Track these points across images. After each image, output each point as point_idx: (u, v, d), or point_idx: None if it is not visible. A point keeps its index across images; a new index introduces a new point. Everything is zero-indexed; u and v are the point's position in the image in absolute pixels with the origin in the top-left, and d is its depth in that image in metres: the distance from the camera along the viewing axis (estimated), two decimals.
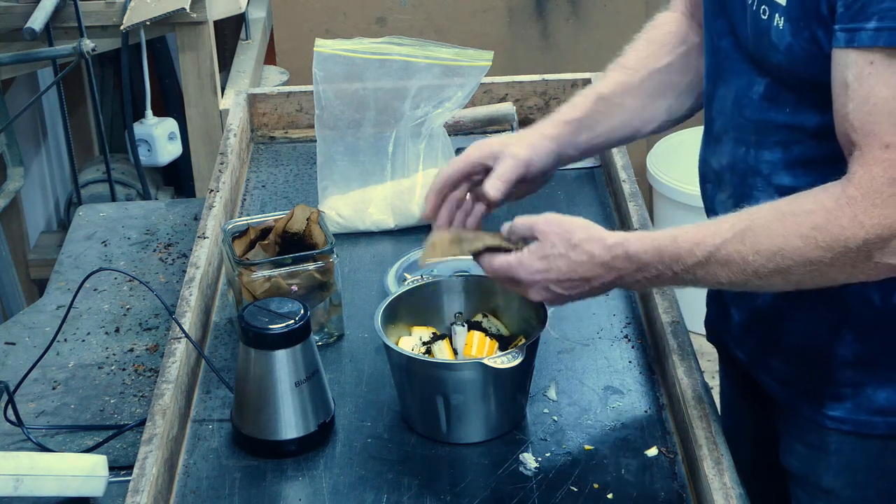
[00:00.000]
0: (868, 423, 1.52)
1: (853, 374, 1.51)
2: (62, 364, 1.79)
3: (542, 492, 1.49)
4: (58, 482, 1.48)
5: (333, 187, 2.06)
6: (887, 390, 1.50)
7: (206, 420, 1.64)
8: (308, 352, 1.55)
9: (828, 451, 1.55)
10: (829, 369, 1.52)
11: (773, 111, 1.47)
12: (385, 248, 2.02)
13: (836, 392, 1.53)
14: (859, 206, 1.32)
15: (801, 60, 1.39)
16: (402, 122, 2.03)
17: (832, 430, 1.54)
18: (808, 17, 1.37)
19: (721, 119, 1.56)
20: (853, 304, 1.48)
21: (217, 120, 3.06)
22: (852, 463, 1.55)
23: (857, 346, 1.50)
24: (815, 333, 1.52)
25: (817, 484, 1.58)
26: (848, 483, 1.56)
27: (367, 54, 2.02)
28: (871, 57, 1.30)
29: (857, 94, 1.32)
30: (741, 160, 1.52)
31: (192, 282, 1.80)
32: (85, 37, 2.80)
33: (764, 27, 1.42)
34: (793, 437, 1.60)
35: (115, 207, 2.28)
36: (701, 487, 1.45)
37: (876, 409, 1.51)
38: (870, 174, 1.31)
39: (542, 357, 1.70)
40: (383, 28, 3.88)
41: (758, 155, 1.50)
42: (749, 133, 1.51)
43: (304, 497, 1.50)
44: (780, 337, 1.57)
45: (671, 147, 3.81)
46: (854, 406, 1.52)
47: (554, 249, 1.47)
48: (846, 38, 1.32)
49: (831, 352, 1.51)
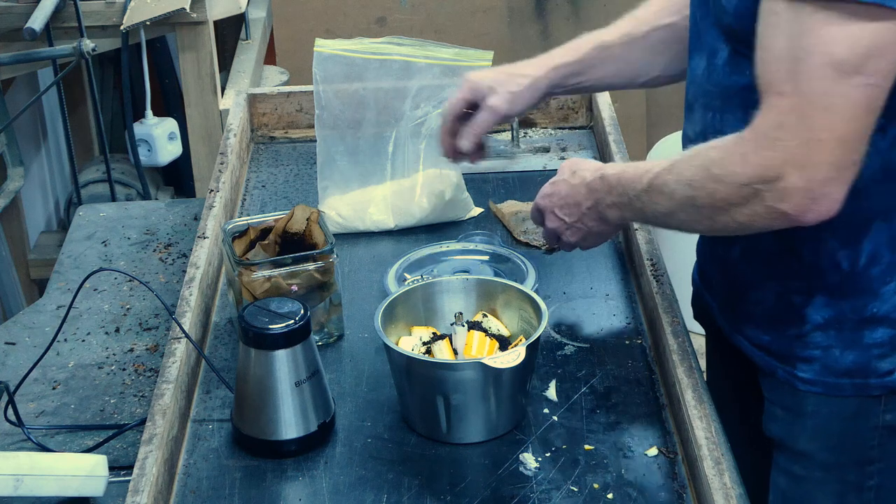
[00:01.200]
0: (836, 385, 1.57)
1: (822, 336, 1.56)
2: (62, 364, 1.79)
3: (542, 492, 1.49)
4: (58, 482, 1.48)
5: (333, 187, 2.06)
6: (854, 352, 1.55)
7: (206, 420, 1.64)
8: (308, 352, 1.55)
9: (804, 413, 1.60)
10: (800, 333, 1.58)
11: (735, 75, 1.51)
12: (385, 248, 2.02)
13: (806, 354, 1.58)
14: (748, 145, 1.40)
15: (748, 20, 1.42)
16: (402, 122, 2.03)
17: (805, 392, 1.59)
18: None
19: (693, 87, 1.61)
20: (824, 268, 1.52)
21: (217, 120, 3.07)
22: (827, 426, 1.59)
23: (826, 309, 1.55)
24: (788, 300, 1.57)
25: (794, 447, 1.63)
26: (823, 447, 1.61)
27: (367, 54, 2.02)
28: (776, 7, 1.35)
29: (762, 43, 1.39)
30: (710, 125, 1.57)
31: (192, 282, 1.80)
32: (85, 37, 2.80)
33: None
34: (773, 402, 1.65)
35: (115, 207, 2.28)
36: (701, 487, 1.45)
37: (843, 370, 1.56)
38: (763, 118, 1.38)
39: (542, 357, 1.70)
40: (383, 28, 3.88)
41: (723, 119, 1.55)
42: (715, 98, 1.56)
43: (304, 497, 1.50)
44: (755, 304, 1.62)
45: (671, 147, 3.81)
46: (822, 368, 1.57)
47: (560, 176, 1.69)
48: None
49: (802, 315, 1.57)
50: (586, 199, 1.64)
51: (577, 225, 1.67)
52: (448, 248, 1.94)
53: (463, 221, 2.09)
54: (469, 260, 1.91)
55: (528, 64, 1.80)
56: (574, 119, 2.40)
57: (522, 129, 2.37)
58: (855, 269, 1.51)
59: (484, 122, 1.79)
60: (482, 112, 1.79)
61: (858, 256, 1.51)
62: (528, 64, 1.80)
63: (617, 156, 2.11)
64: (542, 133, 2.38)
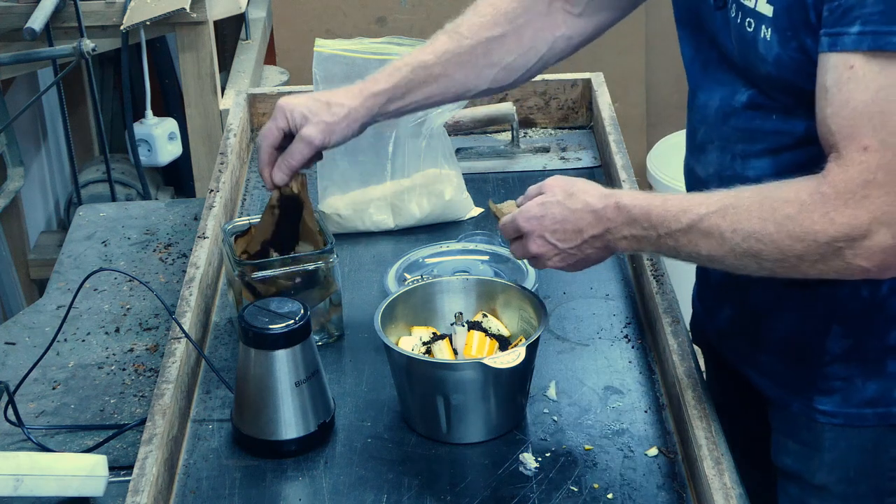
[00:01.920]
0: (859, 416, 1.53)
1: (842, 367, 1.52)
2: (62, 364, 1.79)
3: (542, 492, 1.49)
4: (58, 482, 1.48)
5: (333, 187, 2.06)
6: (877, 382, 1.52)
7: (206, 420, 1.64)
8: (308, 352, 1.55)
9: (821, 448, 1.56)
10: (819, 364, 1.54)
11: (760, 119, 1.48)
12: (385, 248, 2.02)
13: (825, 386, 1.54)
14: (831, 203, 1.33)
15: (790, 70, 1.40)
16: (402, 122, 2.03)
17: (824, 424, 1.55)
18: (797, 27, 1.37)
19: (704, 128, 1.56)
20: (842, 297, 1.49)
21: (217, 120, 3.06)
22: (846, 459, 1.56)
23: (846, 339, 1.51)
24: (804, 328, 1.53)
25: (810, 481, 1.59)
26: (841, 479, 1.57)
27: (367, 54, 2.01)
28: (851, 61, 1.31)
29: (836, 99, 1.33)
30: (727, 168, 1.53)
31: (192, 282, 1.80)
32: (85, 37, 2.80)
33: (750, 39, 1.43)
34: (784, 434, 1.61)
35: (115, 207, 2.28)
36: (701, 487, 1.45)
37: (866, 401, 1.53)
38: (845, 174, 1.32)
39: (542, 357, 1.70)
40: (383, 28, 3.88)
41: (745, 163, 1.50)
42: (735, 142, 1.51)
43: (304, 497, 1.50)
44: (768, 333, 1.58)
45: (671, 147, 3.80)
46: (843, 399, 1.53)
47: (553, 197, 1.52)
48: (829, 43, 1.33)
49: (820, 346, 1.52)
50: (592, 226, 1.49)
51: (572, 251, 1.52)
52: (448, 248, 1.94)
53: (463, 221, 2.08)
54: (469, 260, 1.91)
55: (345, 92, 1.71)
56: (574, 119, 2.40)
57: (522, 129, 2.37)
58: (876, 297, 1.48)
59: (298, 153, 1.68)
60: (296, 143, 1.69)
61: (880, 284, 1.47)
62: (346, 92, 1.71)
63: (617, 156, 2.11)
64: (542, 133, 2.38)
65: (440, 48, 1.73)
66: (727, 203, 1.39)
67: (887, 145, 1.30)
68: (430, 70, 1.72)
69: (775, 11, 1.39)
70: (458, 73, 1.73)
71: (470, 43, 1.72)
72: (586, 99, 2.38)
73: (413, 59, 1.72)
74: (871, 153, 1.31)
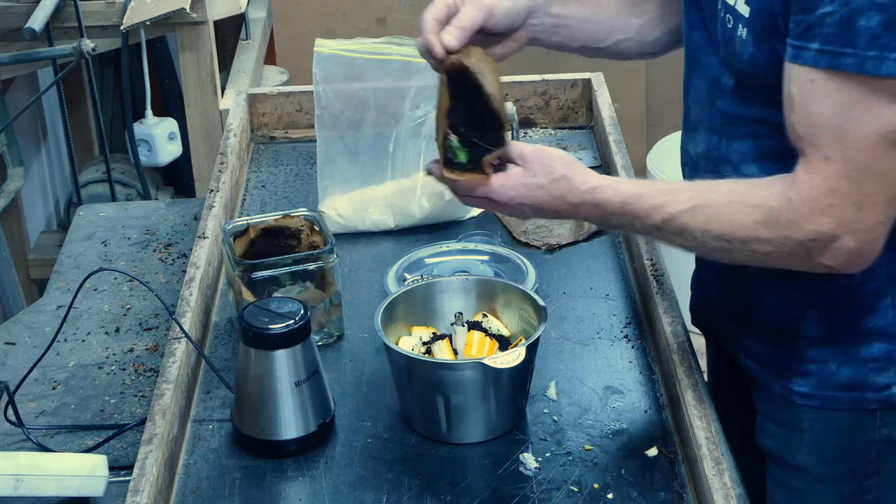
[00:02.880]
0: (834, 399, 1.57)
1: (817, 351, 1.56)
2: (62, 364, 1.79)
3: (542, 492, 1.49)
4: (58, 482, 1.48)
5: (333, 187, 2.06)
6: (850, 367, 1.55)
7: (206, 420, 1.64)
8: (308, 352, 1.55)
9: (800, 428, 1.60)
10: (795, 347, 1.58)
11: (744, 104, 1.51)
12: (385, 248, 2.02)
13: (802, 369, 1.58)
14: (797, 210, 1.39)
15: (763, 69, 1.44)
16: (402, 122, 2.03)
17: (801, 406, 1.58)
18: (769, 31, 1.41)
19: (696, 108, 1.60)
20: (819, 283, 1.52)
21: (217, 120, 3.06)
22: (823, 440, 1.59)
23: (822, 324, 1.55)
24: (785, 312, 1.57)
25: (790, 462, 1.62)
26: (819, 460, 1.60)
27: (367, 54, 2.02)
28: (812, 75, 1.35)
29: (799, 108, 1.37)
30: (714, 149, 1.56)
31: (192, 282, 1.80)
32: (85, 37, 2.80)
33: (729, 35, 1.47)
34: (766, 416, 1.65)
35: (115, 207, 2.28)
36: (701, 487, 1.45)
37: (840, 385, 1.56)
38: (811, 182, 1.38)
39: (542, 357, 1.70)
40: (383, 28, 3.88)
41: (729, 145, 1.54)
42: (721, 123, 1.55)
43: (304, 497, 1.50)
44: (754, 316, 1.62)
45: (671, 147, 3.80)
46: (819, 382, 1.57)
47: (536, 179, 1.52)
48: (793, 54, 1.37)
49: (798, 330, 1.57)
50: (570, 213, 1.54)
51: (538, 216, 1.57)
52: (448, 248, 1.94)
53: (463, 221, 2.08)
54: (469, 260, 1.91)
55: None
56: (574, 119, 2.40)
57: (522, 129, 2.37)
58: (850, 284, 1.51)
59: (469, 15, 1.56)
60: (465, 6, 1.57)
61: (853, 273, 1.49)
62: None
63: (617, 156, 2.11)
64: (542, 133, 2.38)
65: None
66: (697, 203, 1.45)
67: (847, 158, 1.35)
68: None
69: (751, 12, 1.42)
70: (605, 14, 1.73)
71: None
72: (586, 99, 2.38)
73: None
74: (832, 163, 1.36)
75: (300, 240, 1.80)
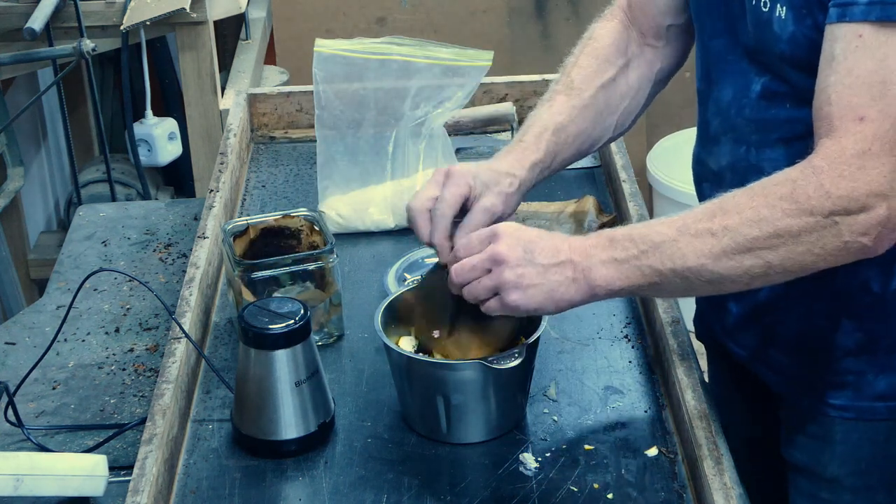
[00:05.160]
0: (870, 409, 1.54)
1: (854, 362, 1.53)
2: (62, 364, 1.79)
3: (542, 492, 1.49)
4: (58, 482, 1.48)
5: (333, 187, 2.06)
6: (888, 376, 1.52)
7: (206, 420, 1.64)
8: (308, 352, 1.55)
9: (833, 440, 1.57)
10: (830, 359, 1.54)
11: (773, 108, 1.48)
12: (385, 248, 2.02)
13: (837, 381, 1.54)
14: (825, 175, 1.32)
15: (804, 48, 1.41)
16: (402, 122, 2.03)
17: (835, 418, 1.56)
18: (811, 4, 1.39)
19: (718, 120, 1.57)
20: (852, 291, 1.49)
21: (217, 120, 3.07)
22: (857, 451, 1.56)
23: (857, 334, 1.52)
24: (815, 324, 1.54)
25: (822, 474, 1.60)
26: (853, 471, 1.58)
27: (367, 54, 2.02)
28: (860, 30, 1.32)
29: (841, 67, 1.33)
30: (742, 159, 1.53)
31: (192, 282, 1.80)
32: (85, 37, 2.80)
33: (765, 20, 1.44)
34: (794, 428, 1.62)
35: (115, 207, 2.28)
36: (701, 487, 1.45)
37: (878, 395, 1.53)
38: (839, 145, 1.32)
39: (542, 357, 1.70)
40: (383, 28, 3.88)
41: (759, 153, 1.51)
42: (749, 132, 1.52)
43: (304, 497, 1.50)
44: (779, 329, 1.58)
45: (671, 147, 3.81)
46: (855, 393, 1.54)
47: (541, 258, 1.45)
48: (838, 14, 1.34)
49: (831, 341, 1.53)
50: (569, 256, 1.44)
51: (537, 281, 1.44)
52: None
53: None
54: None
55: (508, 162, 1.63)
56: None
57: None
58: (886, 291, 1.49)
59: (478, 223, 1.55)
60: (476, 213, 1.56)
61: (890, 279, 1.48)
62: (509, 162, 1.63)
63: (617, 156, 2.11)
64: None
65: (566, 107, 1.68)
66: (712, 208, 1.38)
67: (885, 115, 1.31)
68: (568, 130, 1.67)
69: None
70: (587, 127, 1.69)
71: (589, 94, 1.69)
72: None
73: (550, 122, 1.67)
74: (867, 123, 1.31)
75: (300, 240, 1.80)
